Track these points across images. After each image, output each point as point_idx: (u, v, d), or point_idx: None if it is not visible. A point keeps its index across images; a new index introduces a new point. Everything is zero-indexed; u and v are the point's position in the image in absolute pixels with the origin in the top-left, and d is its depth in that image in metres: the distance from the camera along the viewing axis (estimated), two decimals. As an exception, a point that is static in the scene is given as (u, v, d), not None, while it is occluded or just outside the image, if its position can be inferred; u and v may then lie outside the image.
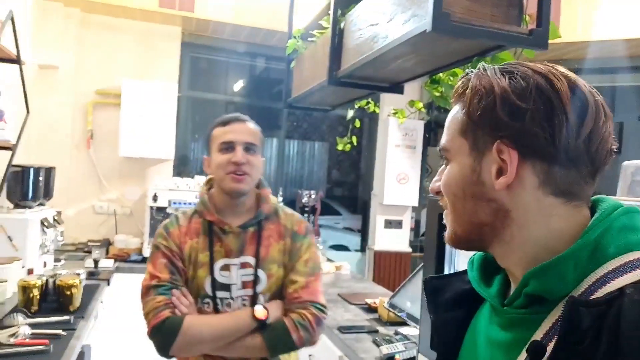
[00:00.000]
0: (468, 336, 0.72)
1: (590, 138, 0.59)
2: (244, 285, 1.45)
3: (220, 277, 1.45)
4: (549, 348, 0.54)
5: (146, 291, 1.41)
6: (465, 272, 0.75)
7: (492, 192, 0.61)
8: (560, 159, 0.58)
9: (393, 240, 4.34)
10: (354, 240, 5.74)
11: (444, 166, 0.68)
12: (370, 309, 2.35)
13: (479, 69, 0.65)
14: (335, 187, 8.58)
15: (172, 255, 1.44)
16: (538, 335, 0.57)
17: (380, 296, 2.40)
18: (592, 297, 0.54)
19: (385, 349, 1.71)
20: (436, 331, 0.76)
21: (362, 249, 4.70)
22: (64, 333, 1.83)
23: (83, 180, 3.73)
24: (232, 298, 1.44)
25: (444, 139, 0.68)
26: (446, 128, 0.68)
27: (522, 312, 0.60)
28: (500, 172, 0.60)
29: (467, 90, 0.64)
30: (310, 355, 2.22)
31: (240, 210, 1.50)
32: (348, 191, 7.85)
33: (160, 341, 1.37)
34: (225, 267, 1.45)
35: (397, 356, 1.63)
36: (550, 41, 1.64)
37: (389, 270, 4.31)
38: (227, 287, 1.45)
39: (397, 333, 1.93)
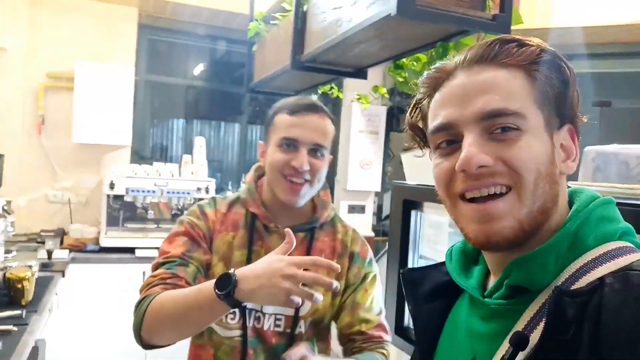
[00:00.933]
0: (447, 327, 0.72)
1: None
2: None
3: None
4: (532, 338, 0.54)
5: (152, 271, 1.18)
6: (443, 263, 0.74)
7: (557, 175, 0.60)
8: None
9: (356, 225, 4.33)
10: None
11: (473, 139, 0.57)
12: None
13: (517, 37, 0.62)
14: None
15: (198, 236, 1.21)
16: (519, 326, 0.57)
17: (344, 282, 2.39)
18: (573, 287, 0.54)
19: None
20: (415, 323, 0.75)
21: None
22: (15, 328, 1.74)
23: (35, 168, 3.57)
24: (262, 313, 1.19)
25: (513, 103, 0.57)
26: (509, 91, 0.58)
27: (503, 304, 0.60)
28: (569, 155, 0.62)
29: (543, 61, 0.59)
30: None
31: (292, 211, 1.25)
32: (312, 177, 7.83)
33: (133, 324, 1.10)
34: None
35: (362, 342, 1.62)
36: (513, 27, 1.65)
37: (352, 255, 4.33)
38: None
39: (361, 319, 1.93)
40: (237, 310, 1.17)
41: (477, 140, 0.58)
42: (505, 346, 0.57)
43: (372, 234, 4.43)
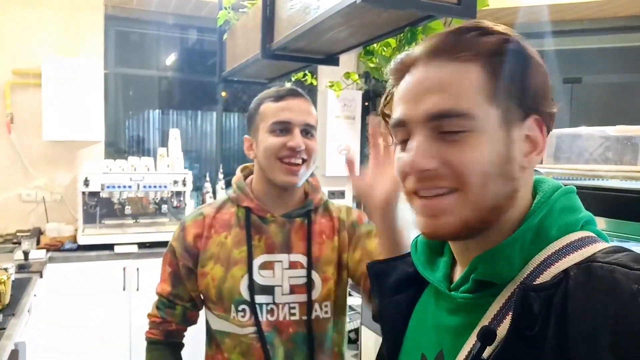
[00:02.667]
0: (414, 320, 0.72)
1: None
2: (293, 289, 1.21)
3: (260, 277, 1.20)
4: (499, 332, 0.54)
5: (156, 293, 1.33)
6: (408, 254, 0.73)
7: (516, 170, 0.57)
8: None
9: (337, 210, 4.38)
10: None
11: (421, 139, 0.57)
12: (316, 282, 2.37)
13: (481, 24, 0.58)
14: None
15: (177, 264, 1.27)
16: (486, 320, 0.57)
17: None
18: (537, 280, 0.54)
19: (331, 322, 1.72)
20: (383, 315, 0.75)
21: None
22: (-8, 333, 1.72)
23: (6, 167, 3.49)
24: (275, 304, 1.20)
25: (459, 103, 0.55)
26: (457, 89, 0.56)
27: (469, 297, 0.60)
28: (533, 148, 0.59)
29: (502, 51, 0.56)
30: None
31: (286, 199, 1.26)
32: (291, 163, 7.82)
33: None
34: (267, 265, 1.21)
35: (342, 329, 1.65)
36: (480, 8, 1.66)
37: (334, 240, 4.37)
38: (269, 290, 1.20)
39: (342, 305, 1.95)
40: (246, 306, 1.19)
41: (423, 143, 0.57)
42: (472, 340, 0.57)
43: (352, 219, 4.46)
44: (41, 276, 2.70)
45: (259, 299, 1.19)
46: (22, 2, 3.46)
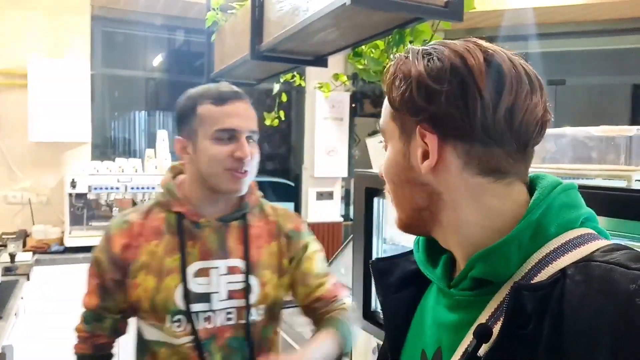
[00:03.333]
0: (416, 317, 0.72)
1: (512, 112, 0.56)
2: (231, 295, 1.17)
3: (196, 285, 1.15)
4: (495, 330, 0.54)
5: (83, 305, 1.27)
6: (411, 252, 0.74)
7: (423, 176, 0.61)
8: (480, 137, 0.57)
9: (325, 211, 4.40)
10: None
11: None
12: (305, 283, 2.38)
13: (403, 55, 0.63)
14: (267, 161, 8.52)
15: (104, 276, 1.19)
16: (484, 317, 0.57)
17: (314, 269, 2.42)
18: (535, 278, 0.54)
19: (321, 322, 1.73)
20: (385, 312, 0.76)
21: (296, 222, 4.73)
22: (-21, 336, 1.70)
23: (-9, 169, 3.45)
24: (212, 311, 1.16)
25: (381, 121, 0.67)
26: (382, 111, 0.67)
27: (467, 294, 0.60)
28: (424, 156, 0.60)
29: (388, 77, 0.63)
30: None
31: (221, 202, 1.20)
32: (280, 164, 7.82)
33: None
34: (202, 272, 1.16)
35: (332, 328, 1.65)
36: (466, 11, 1.68)
37: (323, 241, 4.37)
38: (205, 298, 1.15)
39: (332, 304, 1.96)
40: (182, 316, 1.13)
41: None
42: (469, 337, 0.58)
43: (340, 220, 4.48)
44: (28, 279, 2.68)
45: (195, 307, 1.14)
46: (8, 2, 3.43)
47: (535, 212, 0.57)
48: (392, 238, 1.32)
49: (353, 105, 4.53)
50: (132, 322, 1.26)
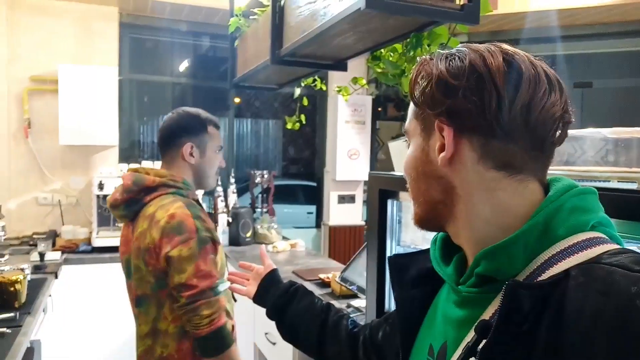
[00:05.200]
0: (429, 313, 0.74)
1: (529, 108, 0.58)
2: None
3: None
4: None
5: (202, 292, 1.40)
6: (428, 250, 0.75)
7: (439, 169, 0.63)
8: (495, 132, 0.58)
9: (347, 214, 4.41)
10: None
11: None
12: (324, 284, 2.40)
13: (428, 56, 0.66)
14: (291, 164, 8.56)
15: (216, 247, 1.49)
16: (487, 314, 0.58)
17: (334, 271, 2.44)
18: (539, 279, 0.55)
19: (337, 323, 1.74)
20: (400, 307, 0.77)
21: (317, 225, 4.75)
22: (8, 331, 1.77)
23: (24, 171, 3.58)
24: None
25: (406, 122, 0.71)
26: (408, 113, 0.71)
27: (474, 291, 0.61)
28: (442, 149, 0.62)
29: (412, 77, 0.67)
30: (266, 333, 2.25)
31: None
32: (304, 168, 7.85)
33: (217, 343, 1.41)
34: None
35: (348, 329, 1.67)
36: (488, 13, 1.68)
37: (344, 244, 4.38)
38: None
39: (349, 306, 1.98)
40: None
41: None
42: (472, 332, 0.58)
43: (362, 223, 4.47)
44: (56, 277, 2.77)
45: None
46: (40, 10, 3.56)
47: (543, 213, 0.57)
48: (410, 240, 1.32)
49: (379, 109, 4.53)
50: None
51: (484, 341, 0.55)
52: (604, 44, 3.72)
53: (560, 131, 0.61)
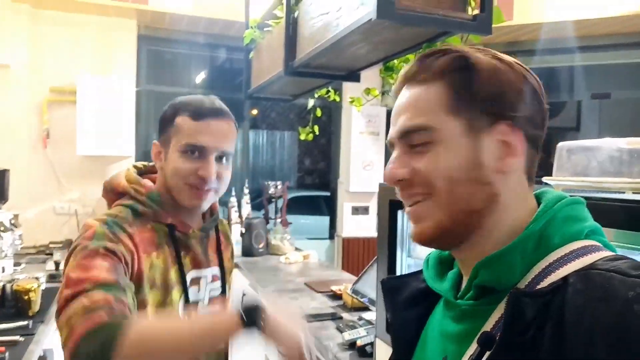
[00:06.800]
0: (424, 334, 0.73)
1: (544, 118, 0.63)
2: (210, 301, 1.19)
3: (192, 295, 1.14)
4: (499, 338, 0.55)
5: (69, 300, 0.92)
6: (421, 272, 0.75)
7: (489, 175, 0.60)
8: (539, 143, 0.62)
9: (360, 226, 4.39)
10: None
11: (398, 153, 0.64)
12: (336, 296, 2.38)
13: (463, 50, 0.63)
14: (306, 175, 8.58)
15: (121, 261, 1.00)
16: (488, 326, 0.58)
17: (346, 283, 2.42)
18: (538, 287, 0.55)
19: (348, 335, 1.73)
20: (394, 330, 0.76)
21: (331, 236, 4.73)
22: (21, 339, 1.78)
23: (41, 180, 3.63)
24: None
25: (420, 118, 0.61)
26: (421, 107, 0.62)
27: (473, 304, 0.61)
28: (505, 153, 0.60)
29: (463, 68, 0.61)
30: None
31: (196, 212, 1.20)
32: (319, 179, 7.85)
33: (92, 356, 0.85)
34: (195, 282, 1.15)
35: (358, 341, 1.65)
36: (503, 24, 1.66)
37: (357, 256, 4.36)
38: (195, 307, 1.15)
39: (360, 318, 1.96)
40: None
41: (399, 156, 0.64)
42: (474, 346, 0.58)
43: (376, 235, 4.45)
44: (71, 286, 2.78)
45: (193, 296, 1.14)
46: (59, 22, 3.64)
47: (539, 222, 0.58)
48: (420, 251, 1.31)
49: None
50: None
51: (487, 353, 0.54)
52: (622, 54, 3.67)
53: None
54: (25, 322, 1.93)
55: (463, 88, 0.60)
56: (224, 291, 1.22)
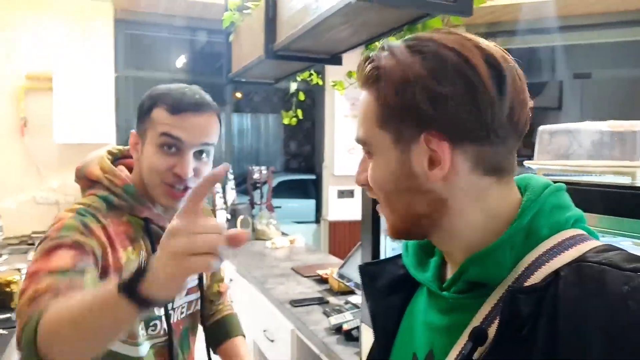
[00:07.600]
0: (405, 321, 0.72)
1: (512, 108, 0.56)
2: (188, 291, 1.18)
3: None
4: (490, 332, 0.54)
5: (22, 293, 0.88)
6: (399, 256, 0.74)
7: (426, 183, 0.58)
8: (490, 138, 0.56)
9: (346, 209, 4.40)
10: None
11: (364, 156, 0.65)
12: (322, 280, 2.38)
13: (384, 48, 0.59)
14: (292, 159, 8.54)
15: (89, 252, 0.95)
16: (478, 320, 0.57)
17: (332, 267, 2.43)
18: (529, 280, 0.54)
19: (334, 320, 1.73)
20: (374, 317, 0.75)
21: (317, 220, 4.74)
22: (5, 332, 1.76)
23: (20, 170, 3.56)
24: (173, 309, 1.13)
25: (360, 131, 0.62)
26: (361, 119, 0.62)
27: (461, 297, 0.60)
28: (431, 163, 0.57)
29: (379, 78, 0.58)
30: (265, 330, 2.24)
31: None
32: (305, 163, 7.82)
33: (22, 343, 0.79)
34: None
35: (344, 326, 1.66)
36: (484, 5, 1.65)
37: (344, 239, 4.38)
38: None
39: (347, 302, 1.96)
40: (157, 321, 1.08)
41: (363, 160, 0.66)
42: (463, 340, 0.58)
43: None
44: (54, 276, 2.75)
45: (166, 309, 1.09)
46: (34, 7, 3.53)
47: (526, 215, 0.57)
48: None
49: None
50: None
51: (479, 348, 0.54)
52: (604, 33, 3.68)
53: (528, 124, 0.60)
54: (7, 315, 1.90)
55: (383, 100, 0.58)
56: (201, 280, 1.21)
